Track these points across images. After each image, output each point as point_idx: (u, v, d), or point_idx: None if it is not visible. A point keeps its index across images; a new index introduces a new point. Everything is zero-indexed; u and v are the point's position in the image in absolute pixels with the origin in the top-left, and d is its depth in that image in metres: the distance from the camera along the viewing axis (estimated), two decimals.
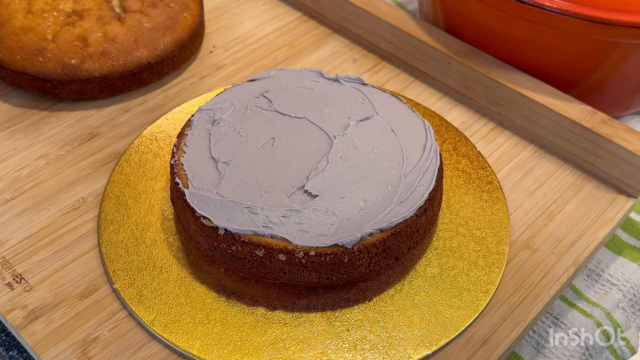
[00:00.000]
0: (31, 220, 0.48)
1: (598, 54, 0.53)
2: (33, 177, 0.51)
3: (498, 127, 0.57)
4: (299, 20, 0.67)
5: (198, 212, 0.41)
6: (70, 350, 0.40)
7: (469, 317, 0.42)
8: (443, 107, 0.58)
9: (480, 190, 0.50)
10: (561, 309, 0.49)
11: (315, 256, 0.39)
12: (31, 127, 0.55)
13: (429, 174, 0.44)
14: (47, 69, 0.54)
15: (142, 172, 0.50)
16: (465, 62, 0.57)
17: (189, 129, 0.47)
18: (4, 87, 0.58)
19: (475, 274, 0.45)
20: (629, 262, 0.52)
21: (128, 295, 0.43)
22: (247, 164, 0.44)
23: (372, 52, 0.64)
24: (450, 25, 0.61)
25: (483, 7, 0.55)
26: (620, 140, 0.50)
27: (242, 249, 0.40)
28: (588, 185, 0.52)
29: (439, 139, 0.53)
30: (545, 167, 0.53)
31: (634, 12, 0.49)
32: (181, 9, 0.60)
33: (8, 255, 0.45)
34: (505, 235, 0.47)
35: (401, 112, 0.49)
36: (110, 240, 0.46)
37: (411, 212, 0.42)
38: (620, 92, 0.57)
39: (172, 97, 0.58)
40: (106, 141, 0.54)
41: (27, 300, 0.43)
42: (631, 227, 0.54)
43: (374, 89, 0.51)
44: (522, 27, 0.54)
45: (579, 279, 0.51)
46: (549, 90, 0.54)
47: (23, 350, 0.43)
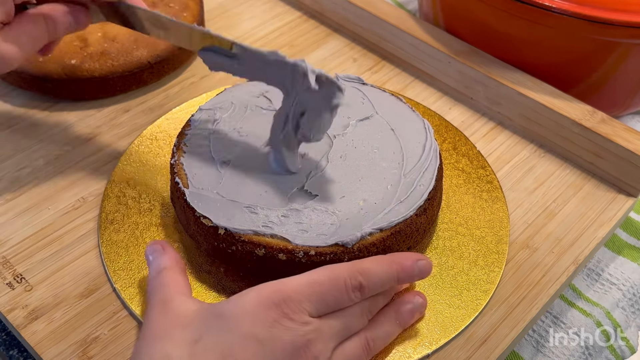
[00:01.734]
0: (31, 220, 0.48)
1: (598, 54, 0.53)
2: (33, 177, 0.51)
3: (498, 127, 0.57)
4: (299, 20, 0.67)
5: (198, 211, 0.41)
6: (70, 350, 0.40)
7: (468, 316, 0.42)
8: (443, 107, 0.58)
9: (480, 189, 0.50)
10: (561, 308, 0.49)
11: (315, 256, 0.39)
12: (31, 127, 0.55)
13: (428, 173, 0.44)
14: (47, 69, 0.54)
15: (142, 172, 0.50)
16: (465, 62, 0.57)
17: (189, 128, 0.47)
18: (4, 87, 0.58)
19: (475, 274, 0.45)
20: (628, 261, 0.52)
21: (128, 295, 0.43)
22: (247, 164, 0.44)
23: (372, 51, 0.64)
24: (450, 25, 0.61)
25: (483, 7, 0.55)
26: (620, 139, 0.50)
27: (242, 249, 0.40)
28: (588, 185, 0.52)
29: (438, 139, 0.53)
30: (545, 166, 0.53)
31: (633, 12, 0.49)
32: (181, 8, 0.60)
33: (8, 255, 0.45)
34: (505, 234, 0.47)
35: (401, 112, 0.49)
36: (111, 240, 0.46)
37: (411, 211, 0.42)
38: (620, 91, 0.58)
39: (172, 96, 0.58)
40: (106, 141, 0.54)
41: (28, 300, 0.43)
42: (631, 226, 0.54)
43: (373, 89, 0.51)
44: (522, 27, 0.54)
45: (579, 278, 0.51)
46: (549, 90, 0.54)
47: (23, 349, 0.43)
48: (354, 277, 0.36)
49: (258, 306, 0.34)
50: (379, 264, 0.38)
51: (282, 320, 0.34)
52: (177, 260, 0.40)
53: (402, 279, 0.39)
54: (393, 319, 0.40)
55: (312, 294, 0.35)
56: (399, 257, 0.39)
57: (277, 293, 0.35)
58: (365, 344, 0.38)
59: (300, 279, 0.36)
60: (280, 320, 0.34)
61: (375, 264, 0.38)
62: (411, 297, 0.41)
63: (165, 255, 0.40)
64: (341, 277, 0.36)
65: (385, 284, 0.38)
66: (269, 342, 0.33)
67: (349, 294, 0.36)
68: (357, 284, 0.36)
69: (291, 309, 0.34)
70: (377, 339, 0.38)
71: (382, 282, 0.38)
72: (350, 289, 0.36)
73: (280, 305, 0.34)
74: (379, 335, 0.39)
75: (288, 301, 0.34)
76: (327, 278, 0.36)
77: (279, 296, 0.34)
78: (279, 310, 0.34)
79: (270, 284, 0.35)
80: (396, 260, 0.39)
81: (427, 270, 0.40)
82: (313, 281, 0.36)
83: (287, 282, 0.35)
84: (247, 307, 0.34)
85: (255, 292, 0.35)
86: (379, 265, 0.38)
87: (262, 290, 0.35)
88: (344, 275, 0.36)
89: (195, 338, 0.34)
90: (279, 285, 0.35)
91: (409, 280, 0.39)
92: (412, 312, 0.40)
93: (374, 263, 0.38)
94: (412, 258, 0.39)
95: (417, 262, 0.39)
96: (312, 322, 0.35)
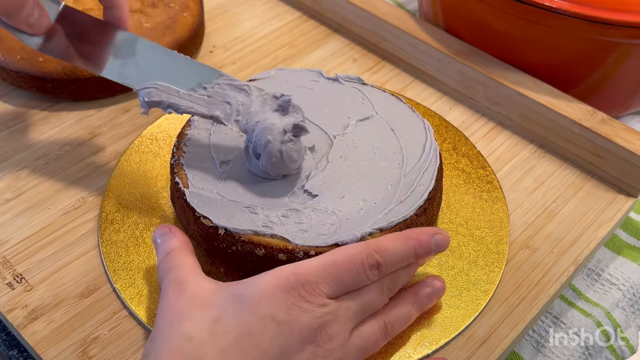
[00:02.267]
0: (31, 220, 0.48)
1: (598, 54, 0.53)
2: (33, 177, 0.51)
3: (498, 127, 0.57)
4: (298, 20, 0.67)
5: (198, 211, 0.41)
6: (70, 350, 0.40)
7: (468, 316, 0.42)
8: (443, 107, 0.58)
9: (480, 189, 0.50)
10: (561, 308, 0.49)
11: (315, 256, 0.39)
12: (31, 127, 0.55)
13: (428, 173, 0.44)
14: (47, 69, 0.54)
15: (142, 172, 0.50)
16: (465, 62, 0.57)
17: (189, 128, 0.47)
18: (4, 87, 0.58)
19: (475, 274, 0.45)
20: (628, 261, 0.52)
21: (128, 295, 0.43)
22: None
23: (372, 51, 0.64)
24: (450, 25, 0.61)
25: (483, 7, 0.55)
26: (620, 139, 0.50)
27: (242, 249, 0.40)
28: (588, 185, 0.52)
29: (438, 139, 0.53)
30: (545, 166, 0.53)
31: (634, 12, 0.49)
32: (181, 8, 0.60)
33: (8, 255, 0.45)
34: (505, 234, 0.47)
35: (401, 112, 0.49)
36: (111, 240, 0.46)
37: (411, 211, 0.42)
38: (620, 91, 0.58)
39: None
40: (106, 141, 0.54)
41: (28, 300, 0.43)
42: (631, 226, 0.54)
43: (373, 89, 0.51)
44: (521, 27, 0.54)
45: (579, 278, 0.51)
46: (549, 90, 0.54)
47: (23, 349, 0.43)
48: (371, 256, 0.37)
49: (276, 288, 0.35)
50: (395, 240, 0.38)
51: (299, 302, 0.34)
52: (185, 241, 0.40)
53: (420, 254, 0.39)
54: (411, 303, 0.40)
55: (329, 275, 0.35)
56: (415, 233, 0.39)
57: (294, 276, 0.35)
58: (384, 327, 0.38)
59: (316, 260, 0.36)
60: (298, 302, 0.34)
61: (392, 241, 0.38)
62: (430, 280, 0.41)
63: (173, 238, 0.40)
64: (357, 257, 0.36)
65: (403, 261, 0.38)
66: (287, 323, 0.34)
67: (366, 273, 0.36)
68: (374, 262, 0.36)
69: (308, 291, 0.35)
70: (395, 323, 0.39)
71: (400, 258, 0.38)
72: (368, 268, 0.36)
73: (297, 288, 0.35)
74: (397, 318, 0.39)
75: (305, 284, 0.35)
76: (343, 258, 0.36)
77: (296, 279, 0.35)
78: (295, 292, 0.35)
79: (287, 267, 0.36)
80: (412, 235, 0.39)
81: (444, 244, 0.40)
82: (330, 262, 0.36)
83: (304, 264, 0.36)
84: (265, 289, 0.35)
85: (273, 275, 0.35)
86: (395, 242, 0.38)
87: (279, 272, 0.35)
88: (360, 255, 0.36)
89: (214, 318, 0.34)
90: (296, 267, 0.36)
91: (427, 255, 0.40)
92: (430, 295, 0.41)
93: (390, 240, 0.38)
94: (428, 232, 0.39)
95: (434, 237, 0.39)
96: (329, 303, 0.35)
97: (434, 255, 0.40)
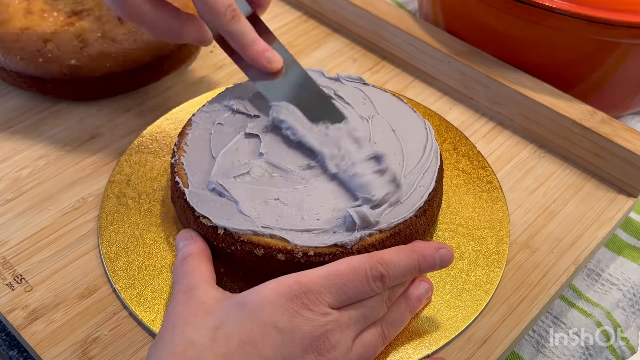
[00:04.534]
0: (31, 220, 0.48)
1: (598, 54, 0.53)
2: (33, 177, 0.51)
3: (498, 127, 0.57)
4: (298, 20, 0.67)
5: (198, 211, 0.41)
6: (70, 351, 0.40)
7: (468, 316, 0.42)
8: (443, 107, 0.58)
9: (480, 189, 0.50)
10: (561, 308, 0.49)
11: (314, 256, 0.39)
12: (31, 127, 0.55)
13: (428, 174, 0.44)
14: (47, 69, 0.54)
15: (142, 172, 0.50)
16: (465, 62, 0.57)
17: (190, 128, 0.47)
18: (4, 87, 0.58)
19: (475, 274, 0.45)
20: (628, 261, 0.52)
21: (128, 296, 0.43)
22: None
23: (372, 51, 0.64)
24: (450, 25, 0.61)
25: (483, 7, 0.55)
26: (620, 139, 0.50)
27: (241, 249, 0.40)
28: (588, 185, 0.52)
29: (438, 139, 0.53)
30: (545, 166, 0.53)
31: (634, 12, 0.49)
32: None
33: (9, 256, 0.45)
34: (505, 235, 0.47)
35: (402, 112, 0.49)
36: (111, 240, 0.46)
37: (410, 212, 0.42)
38: (620, 91, 0.57)
39: (172, 97, 0.58)
40: (106, 141, 0.54)
41: (28, 301, 0.43)
42: (631, 226, 0.54)
43: (375, 89, 0.51)
44: (522, 27, 0.54)
45: (579, 278, 0.51)
46: (549, 90, 0.54)
47: (23, 350, 0.43)
48: (375, 268, 0.37)
49: (279, 296, 0.35)
50: (399, 254, 0.38)
51: (302, 311, 0.35)
52: (203, 248, 0.41)
53: (423, 269, 0.39)
54: (404, 306, 0.40)
55: (332, 285, 0.36)
56: (419, 247, 0.39)
57: (298, 284, 0.35)
58: (382, 332, 0.38)
59: (320, 270, 0.36)
60: (300, 310, 0.35)
61: (396, 254, 0.38)
62: (418, 282, 0.41)
63: (193, 244, 0.41)
64: (362, 269, 0.36)
65: (407, 274, 0.38)
66: (289, 331, 0.34)
67: (370, 285, 0.36)
68: (378, 274, 0.37)
69: (311, 300, 0.35)
70: (392, 327, 0.39)
71: (404, 272, 0.38)
72: (372, 280, 0.36)
73: (300, 296, 0.35)
74: (393, 323, 0.39)
75: (308, 292, 0.35)
76: (347, 269, 0.36)
77: (299, 287, 0.35)
78: (299, 301, 0.35)
79: (291, 276, 0.36)
80: (417, 249, 0.39)
81: (448, 259, 0.40)
82: (333, 273, 0.36)
83: (308, 273, 0.36)
84: (268, 297, 0.35)
85: (276, 283, 0.36)
86: (400, 256, 0.38)
87: (283, 281, 0.36)
88: (364, 267, 0.37)
89: (216, 325, 0.34)
90: (299, 276, 0.36)
91: (430, 270, 0.40)
92: (420, 297, 0.41)
93: (395, 253, 0.38)
94: (432, 247, 0.39)
95: (439, 251, 0.39)
96: (332, 313, 0.35)
97: (437, 269, 0.40)
